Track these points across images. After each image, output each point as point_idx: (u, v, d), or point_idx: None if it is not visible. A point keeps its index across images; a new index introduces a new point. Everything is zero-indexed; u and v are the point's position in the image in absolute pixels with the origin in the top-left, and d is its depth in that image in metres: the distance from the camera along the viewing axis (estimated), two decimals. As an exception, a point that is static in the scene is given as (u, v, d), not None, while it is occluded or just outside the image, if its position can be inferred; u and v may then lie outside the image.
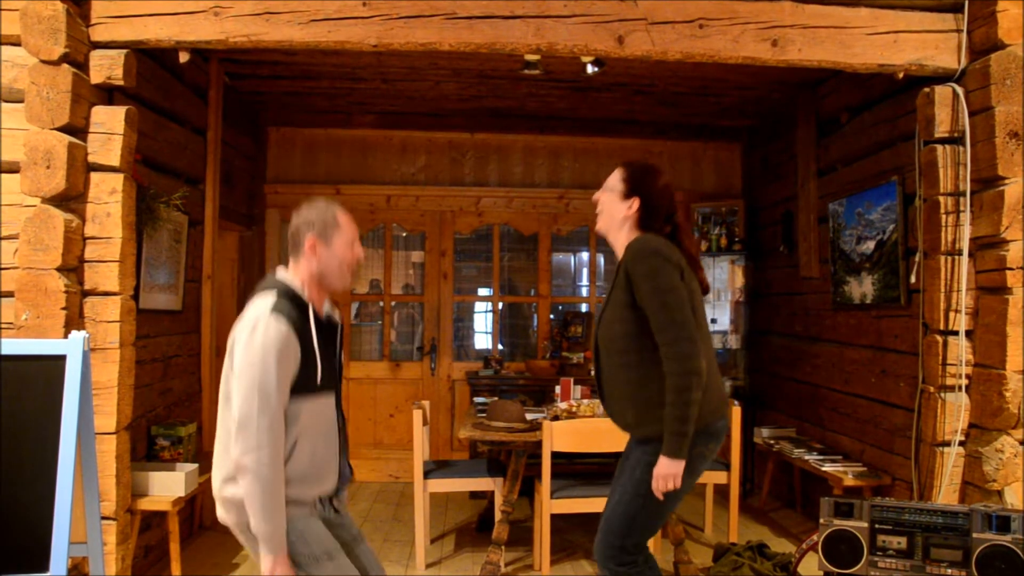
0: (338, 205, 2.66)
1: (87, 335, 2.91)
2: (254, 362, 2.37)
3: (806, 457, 5.04)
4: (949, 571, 3.27)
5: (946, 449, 3.79)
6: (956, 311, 3.78)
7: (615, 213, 2.94)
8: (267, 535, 2.38)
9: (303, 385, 2.47)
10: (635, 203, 2.91)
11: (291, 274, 2.60)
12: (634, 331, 2.77)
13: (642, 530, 2.83)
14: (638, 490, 2.79)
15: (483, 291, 7.29)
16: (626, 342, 2.80)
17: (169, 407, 4.68)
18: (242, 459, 2.36)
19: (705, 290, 2.94)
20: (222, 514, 2.53)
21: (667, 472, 2.70)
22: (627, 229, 2.93)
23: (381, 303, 7.03)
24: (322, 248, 2.57)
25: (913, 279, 4.13)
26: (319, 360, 2.52)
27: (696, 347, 2.69)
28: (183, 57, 3.76)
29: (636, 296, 2.75)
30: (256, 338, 2.38)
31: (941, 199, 3.80)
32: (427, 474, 4.65)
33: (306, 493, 2.51)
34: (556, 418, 4.39)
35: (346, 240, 2.61)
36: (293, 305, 2.49)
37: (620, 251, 2.92)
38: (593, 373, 3.00)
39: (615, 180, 2.97)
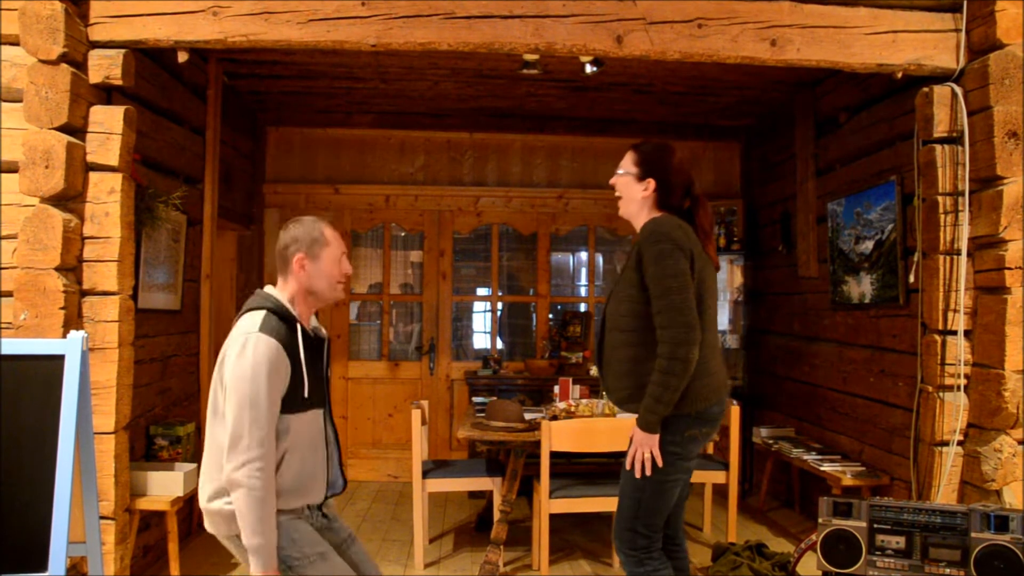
0: (325, 222, 2.70)
1: (86, 335, 2.90)
2: (245, 379, 2.40)
3: (805, 457, 5.04)
4: (948, 571, 3.27)
5: (945, 449, 3.79)
6: (955, 311, 3.78)
7: (633, 195, 3.00)
8: (258, 548, 2.42)
9: (292, 401, 2.52)
10: (650, 184, 2.96)
11: (279, 291, 2.64)
12: (640, 311, 2.82)
13: (649, 512, 2.86)
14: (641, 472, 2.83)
15: (482, 291, 7.29)
16: (630, 320, 2.85)
17: (168, 407, 4.68)
18: (235, 474, 2.39)
19: (715, 267, 2.99)
20: (209, 526, 2.57)
21: (639, 442, 2.80)
22: (646, 210, 2.99)
23: (380, 303, 7.03)
24: (310, 265, 2.62)
25: (912, 279, 4.13)
26: (306, 377, 2.56)
27: (691, 335, 2.71)
28: (182, 57, 3.76)
29: (644, 277, 2.80)
30: (247, 356, 2.42)
31: (940, 199, 3.81)
32: (426, 474, 4.65)
33: (291, 504, 2.55)
34: (555, 418, 4.39)
35: (333, 256, 2.65)
36: (282, 322, 2.53)
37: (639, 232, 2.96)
38: (595, 344, 3.04)
39: (628, 163, 3.02)
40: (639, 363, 2.83)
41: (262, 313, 2.52)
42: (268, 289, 2.65)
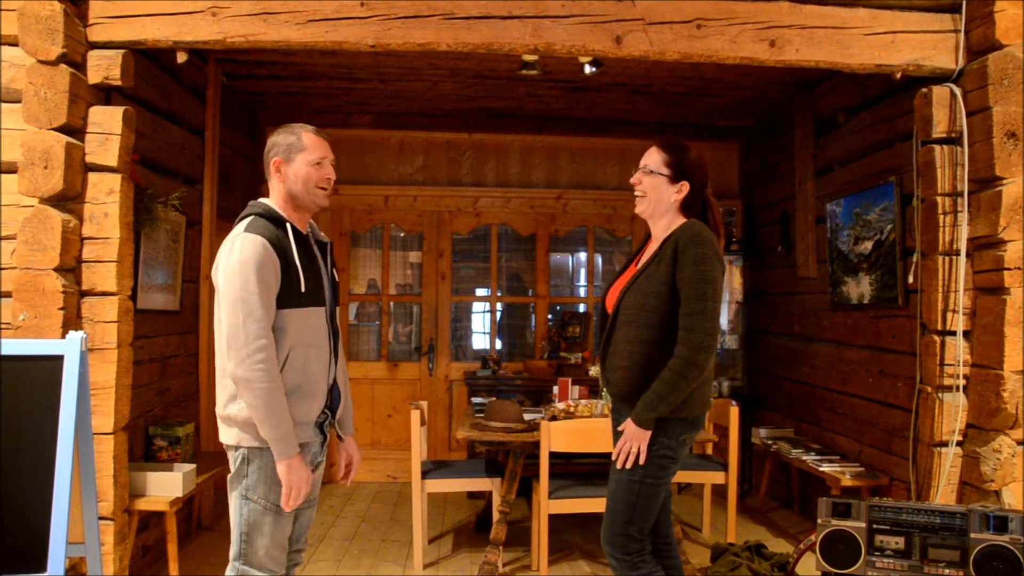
0: (310, 127, 2.72)
1: (85, 335, 2.90)
2: (233, 277, 2.45)
3: (804, 457, 5.04)
4: (947, 571, 3.27)
5: (944, 449, 3.79)
6: (954, 311, 3.78)
7: (662, 197, 2.96)
8: (276, 439, 2.46)
9: (288, 297, 2.54)
10: (685, 187, 2.95)
11: (269, 199, 2.69)
12: (665, 309, 2.80)
13: (642, 516, 2.86)
14: (633, 474, 2.83)
15: (481, 291, 7.29)
16: (653, 318, 2.82)
17: (167, 407, 4.68)
18: (237, 371, 2.42)
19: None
20: (223, 434, 2.60)
21: (631, 436, 2.80)
22: (672, 212, 2.97)
23: (379, 303, 7.03)
24: (285, 168, 2.65)
25: (911, 279, 4.13)
26: (301, 272, 2.57)
27: (713, 344, 2.75)
28: (181, 57, 3.76)
29: (677, 276, 2.79)
30: (233, 255, 2.47)
31: (939, 199, 3.81)
32: (425, 474, 4.65)
33: (303, 411, 2.57)
34: (554, 418, 4.39)
35: (309, 159, 2.66)
36: (271, 223, 2.57)
37: (663, 232, 2.95)
38: (603, 337, 3.04)
39: (659, 163, 2.96)
40: (650, 362, 2.81)
41: (250, 217, 2.58)
42: (261, 199, 2.69)
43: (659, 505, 2.92)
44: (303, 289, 2.57)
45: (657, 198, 2.96)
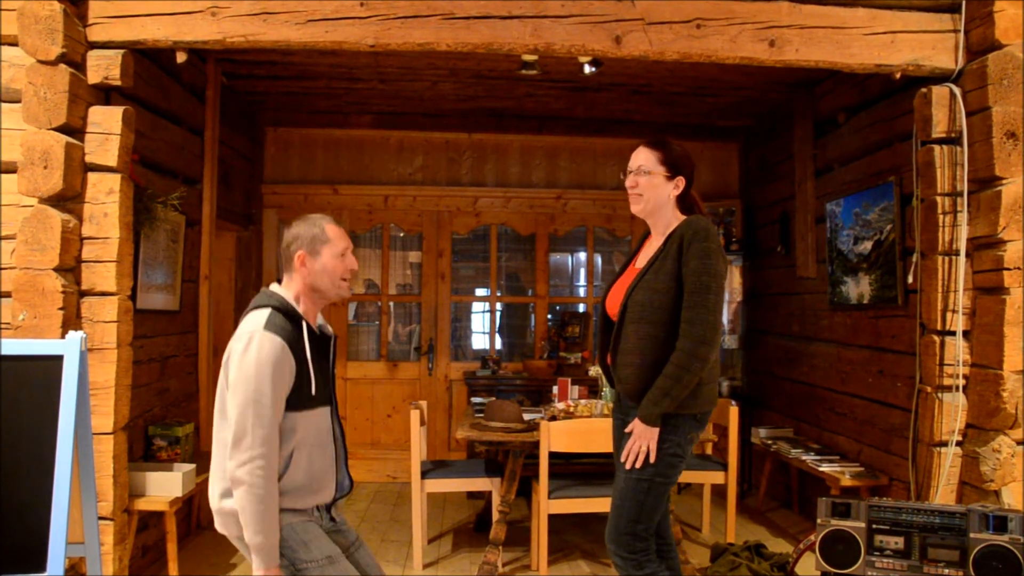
0: (329, 218, 2.69)
1: (84, 335, 2.90)
2: (249, 377, 2.40)
3: (803, 457, 5.04)
4: (946, 571, 3.27)
5: (943, 449, 3.79)
6: (953, 311, 3.78)
7: (661, 194, 2.96)
8: (260, 547, 2.43)
9: (298, 399, 2.51)
10: (681, 182, 2.96)
11: (284, 289, 2.63)
12: (674, 305, 2.81)
13: (650, 514, 2.86)
14: (642, 473, 2.83)
15: (480, 291, 7.29)
16: (663, 314, 2.82)
17: (166, 407, 4.68)
18: (236, 472, 2.39)
19: None
20: (220, 526, 2.57)
21: (641, 435, 2.80)
22: (671, 208, 2.98)
23: (379, 303, 7.03)
24: (311, 262, 2.61)
25: (910, 279, 4.13)
26: (313, 374, 2.55)
27: (716, 338, 2.77)
28: (180, 57, 3.76)
29: (682, 270, 2.80)
30: (251, 354, 2.42)
31: (938, 199, 3.81)
32: (425, 474, 4.65)
33: (303, 503, 2.55)
34: (553, 418, 4.39)
35: (335, 252, 2.64)
36: (287, 320, 2.53)
37: (664, 229, 2.96)
38: (600, 336, 3.04)
39: (653, 162, 2.96)
40: (661, 358, 2.81)
41: (267, 311, 2.51)
42: (273, 287, 2.64)
43: (665, 503, 2.93)
44: (313, 392, 2.56)
45: (655, 196, 2.96)
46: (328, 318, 6.83)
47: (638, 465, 2.81)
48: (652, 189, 2.96)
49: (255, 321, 2.49)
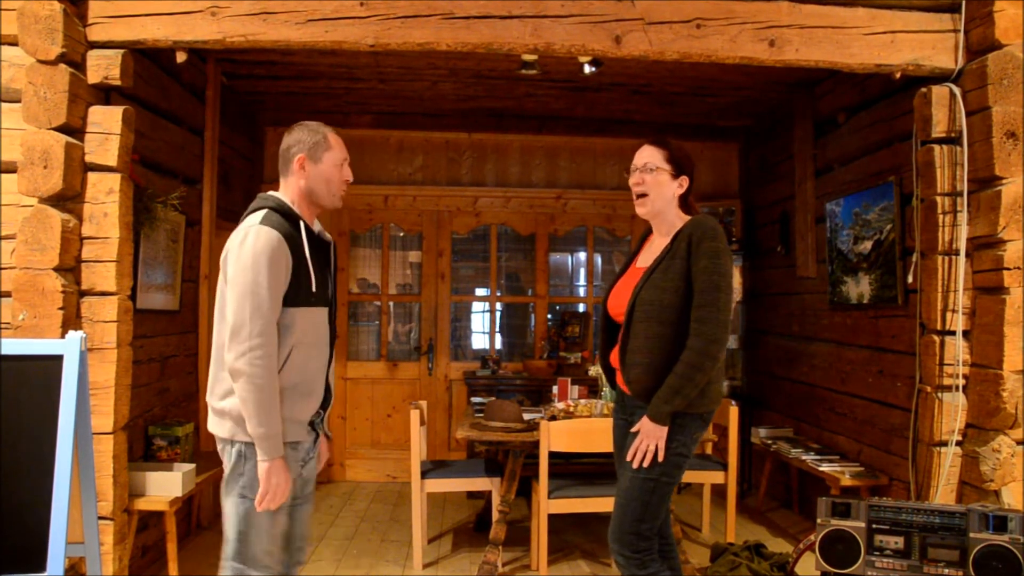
0: (330, 127, 2.72)
1: (84, 335, 2.90)
2: (246, 269, 2.43)
3: (803, 457, 5.04)
4: (946, 571, 3.27)
5: (943, 449, 3.79)
6: (953, 311, 3.78)
7: (666, 193, 2.97)
8: (263, 437, 2.44)
9: (296, 295, 2.53)
10: (685, 181, 2.98)
11: (281, 193, 2.67)
12: (683, 304, 2.82)
13: (654, 513, 2.87)
14: (649, 472, 2.83)
15: (480, 291, 7.29)
16: (671, 313, 2.83)
17: (166, 407, 4.68)
18: (236, 363, 2.40)
19: None
20: (213, 425, 2.58)
21: (649, 434, 2.80)
22: (675, 207, 2.99)
23: (378, 303, 7.03)
24: (311, 166, 2.65)
25: (910, 279, 4.13)
26: (312, 271, 2.57)
27: (726, 336, 2.78)
28: (180, 57, 3.76)
29: (692, 269, 2.80)
30: (247, 247, 2.45)
31: (938, 199, 3.81)
32: (424, 474, 4.65)
33: (299, 409, 2.56)
34: (553, 418, 4.39)
35: (335, 160, 2.68)
36: (284, 218, 2.56)
37: (668, 228, 2.97)
38: (602, 337, 3.05)
39: (659, 159, 2.97)
40: (670, 357, 2.81)
41: (264, 210, 2.55)
42: (272, 192, 2.66)
43: (669, 502, 2.93)
44: (313, 289, 2.57)
45: (661, 195, 2.97)
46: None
47: (646, 464, 2.81)
48: (658, 187, 2.96)
49: (252, 218, 2.53)
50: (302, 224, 2.60)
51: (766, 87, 5.83)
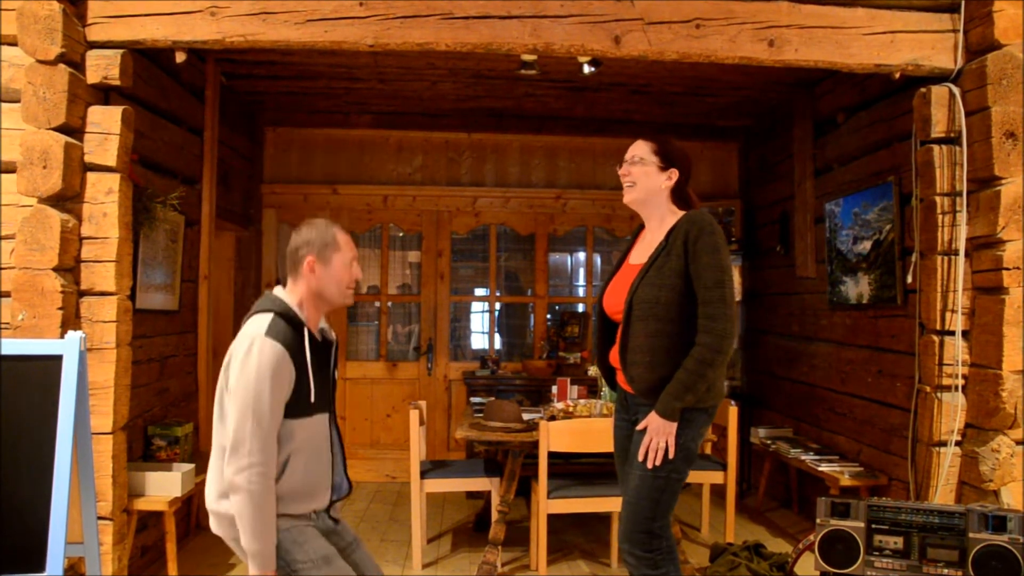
0: (337, 226, 2.69)
1: (83, 335, 2.90)
2: (249, 384, 2.40)
3: (803, 457, 5.04)
4: (945, 571, 3.27)
5: (943, 449, 3.79)
6: (952, 311, 3.78)
7: (652, 185, 2.99)
8: (256, 553, 2.43)
9: (297, 407, 2.51)
10: (674, 174, 2.98)
11: (288, 293, 2.63)
12: (681, 301, 2.83)
13: (665, 511, 2.87)
14: (659, 470, 2.82)
15: (480, 291, 7.29)
16: (670, 310, 2.83)
17: (166, 407, 4.68)
18: (234, 478, 2.40)
19: None
20: (215, 527, 2.57)
21: (659, 430, 2.79)
22: (663, 201, 3.00)
23: (378, 303, 7.03)
24: (320, 268, 2.61)
25: (910, 279, 4.13)
26: (312, 382, 2.55)
27: (735, 330, 2.80)
28: (179, 57, 3.76)
29: (691, 267, 2.81)
30: (251, 360, 2.41)
31: (937, 199, 3.81)
32: (424, 474, 4.65)
33: (300, 508, 2.55)
34: (553, 418, 4.39)
35: (344, 260, 2.65)
36: (289, 326, 2.52)
37: (660, 223, 2.99)
38: (597, 336, 3.05)
39: (647, 151, 3.00)
40: (670, 354, 2.82)
41: (269, 316, 2.50)
42: (277, 291, 2.63)
43: (676, 500, 2.93)
44: (312, 399, 2.56)
45: (647, 186, 2.99)
46: (328, 318, 6.84)
47: (658, 462, 2.80)
48: (644, 177, 2.99)
49: (257, 326, 2.48)
50: (306, 332, 2.57)
51: (766, 87, 5.83)
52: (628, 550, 2.89)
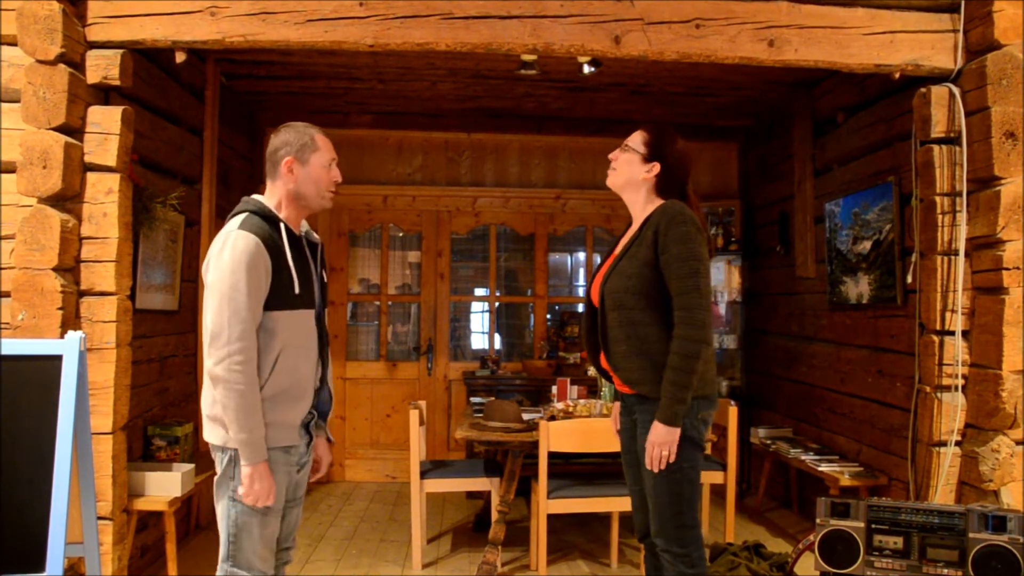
0: (317, 128, 2.71)
1: (83, 335, 2.90)
2: (224, 275, 2.42)
3: (802, 457, 5.04)
4: (945, 571, 3.27)
5: (942, 449, 3.79)
6: (952, 311, 3.78)
7: (633, 174, 2.99)
8: (244, 443, 2.43)
9: (278, 299, 2.51)
10: (655, 168, 2.96)
11: (267, 196, 2.65)
12: (650, 290, 2.82)
13: (691, 503, 2.86)
14: (670, 468, 2.81)
15: (480, 291, 7.28)
16: (640, 299, 2.83)
17: (166, 407, 4.68)
18: (214, 369, 2.40)
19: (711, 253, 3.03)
20: (207, 433, 2.58)
21: (663, 439, 2.75)
22: (644, 192, 2.99)
23: (377, 303, 7.03)
24: (299, 169, 2.63)
25: (909, 279, 4.13)
26: (294, 273, 2.55)
27: (711, 319, 2.77)
28: (179, 57, 3.75)
29: (661, 258, 2.79)
30: (225, 253, 2.44)
31: (937, 199, 3.81)
32: (424, 474, 4.65)
33: (290, 413, 2.56)
34: (553, 418, 4.39)
35: (323, 161, 2.66)
36: (264, 221, 2.54)
37: (637, 211, 3.00)
38: (585, 328, 3.04)
39: (637, 141, 3.00)
40: (645, 341, 2.82)
41: (243, 215, 2.54)
42: (255, 196, 2.65)
43: (700, 487, 2.91)
44: (296, 291, 2.56)
45: (627, 174, 3.00)
46: (327, 318, 6.84)
47: (663, 467, 2.79)
48: (626, 165, 3.00)
49: (231, 224, 2.52)
50: (283, 226, 2.58)
51: (765, 87, 5.83)
52: (664, 547, 2.89)
